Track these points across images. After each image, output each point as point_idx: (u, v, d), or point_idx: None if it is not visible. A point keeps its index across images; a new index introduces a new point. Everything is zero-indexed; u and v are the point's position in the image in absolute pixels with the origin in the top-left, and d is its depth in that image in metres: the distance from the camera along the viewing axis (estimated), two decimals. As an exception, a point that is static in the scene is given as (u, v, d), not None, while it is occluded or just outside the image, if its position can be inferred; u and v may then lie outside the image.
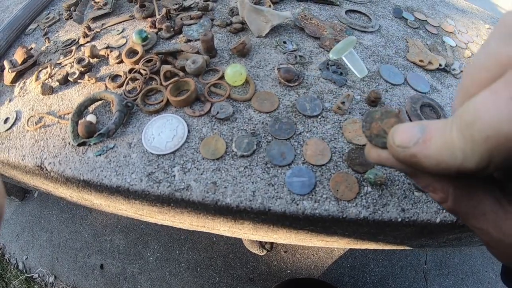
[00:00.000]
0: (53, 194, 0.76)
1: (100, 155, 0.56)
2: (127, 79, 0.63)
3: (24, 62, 0.74)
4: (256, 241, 1.09)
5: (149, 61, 0.65)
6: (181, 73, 0.59)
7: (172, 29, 0.71)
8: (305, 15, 0.74)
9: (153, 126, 0.56)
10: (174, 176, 0.51)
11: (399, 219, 0.49)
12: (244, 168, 0.51)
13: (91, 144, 0.57)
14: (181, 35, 0.71)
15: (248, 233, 0.64)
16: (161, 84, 0.61)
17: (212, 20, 0.73)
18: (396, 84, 0.67)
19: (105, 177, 0.53)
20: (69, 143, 0.58)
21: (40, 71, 0.73)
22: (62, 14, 0.86)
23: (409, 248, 0.74)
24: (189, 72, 0.61)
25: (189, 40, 0.69)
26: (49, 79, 0.71)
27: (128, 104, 0.58)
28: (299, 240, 0.65)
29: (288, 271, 1.14)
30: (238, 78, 0.58)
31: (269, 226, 0.56)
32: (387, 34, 0.79)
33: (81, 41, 0.76)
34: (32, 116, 0.65)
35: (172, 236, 1.16)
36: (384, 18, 0.83)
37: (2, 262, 1.15)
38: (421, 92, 0.67)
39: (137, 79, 0.63)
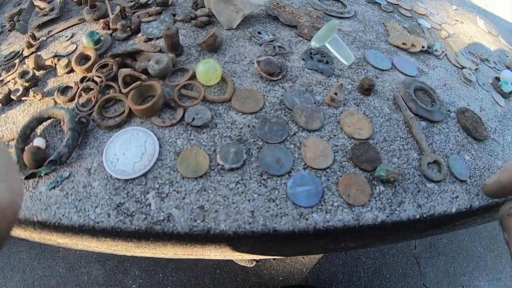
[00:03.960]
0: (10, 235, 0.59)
1: (54, 187, 0.42)
2: (79, 90, 0.48)
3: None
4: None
5: (103, 66, 0.51)
6: (143, 76, 0.46)
7: (128, 28, 0.57)
8: (277, 3, 0.63)
9: (115, 144, 0.43)
10: (150, 205, 0.38)
11: (417, 216, 0.41)
12: (236, 184, 0.39)
13: (42, 175, 0.42)
14: (139, 34, 0.57)
15: (244, 255, 0.52)
16: (120, 92, 0.47)
17: (174, 15, 0.60)
18: (385, 70, 0.58)
19: (63, 215, 0.39)
20: (14, 176, 0.44)
21: (-23, 92, 0.57)
22: (4, 26, 0.69)
23: (412, 240, 0.66)
24: (152, 74, 0.48)
25: (150, 39, 0.56)
26: (-11, 100, 0.55)
27: (82, 120, 0.44)
28: (301, 253, 0.54)
29: (280, 278, 1.03)
30: (212, 76, 0.46)
31: (271, 246, 0.45)
32: (364, 19, 0.70)
33: (25, 52, 0.60)
34: (-34, 148, 0.49)
35: (153, 259, 1.01)
36: (357, 4, 0.74)
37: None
38: (410, 76, 0.59)
39: (91, 89, 0.49)
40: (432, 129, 0.50)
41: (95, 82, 0.49)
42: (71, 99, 0.49)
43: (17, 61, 0.57)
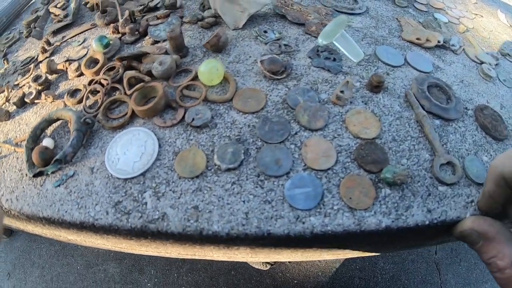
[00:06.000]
0: (26, 231, 0.62)
1: (59, 185, 0.43)
2: (86, 92, 0.50)
3: (-22, 88, 0.61)
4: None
5: (111, 69, 0.52)
6: (146, 78, 0.47)
7: (136, 31, 0.58)
8: (285, 1, 0.62)
9: (117, 145, 0.43)
10: (146, 203, 0.38)
11: (427, 222, 0.37)
12: (232, 185, 0.38)
13: (49, 173, 0.44)
14: (147, 37, 0.58)
15: (247, 257, 0.51)
16: (125, 93, 0.48)
17: (182, 17, 0.61)
18: (397, 66, 0.55)
19: (66, 212, 0.41)
20: (26, 175, 0.46)
21: (-3, 95, 0.60)
22: (22, 32, 0.74)
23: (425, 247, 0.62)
24: (156, 75, 0.48)
25: (156, 42, 0.57)
26: (6, 103, 0.58)
27: (88, 121, 0.46)
28: (306, 257, 0.52)
29: (295, 281, 1.00)
30: (214, 76, 0.45)
31: (271, 248, 0.43)
32: (377, 15, 0.67)
33: (40, 57, 0.63)
34: (-14, 148, 0.52)
35: (168, 259, 1.02)
36: (370, 0, 0.71)
37: (-4, 304, 1.01)
38: (424, 72, 0.55)
39: (98, 91, 0.50)
40: (446, 128, 0.47)
41: (102, 85, 0.50)
42: (80, 101, 0.51)
43: (32, 66, 0.60)
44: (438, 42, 0.61)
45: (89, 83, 0.52)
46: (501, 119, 0.51)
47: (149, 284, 1.00)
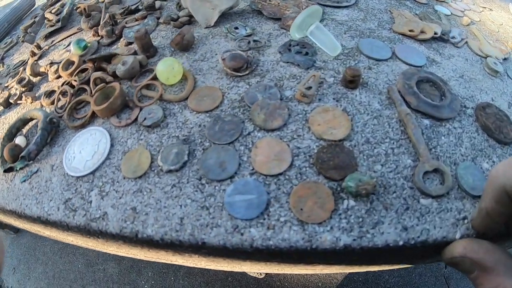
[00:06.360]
0: (12, 224, 0.67)
1: (25, 181, 0.47)
2: (58, 93, 0.53)
3: (-26, 90, 0.68)
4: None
5: (83, 71, 0.55)
6: (108, 78, 0.48)
7: (113, 34, 0.60)
8: (263, -3, 0.61)
9: (76, 143, 0.46)
10: (91, 202, 0.40)
11: (401, 242, 0.32)
12: (172, 187, 0.38)
13: (17, 169, 0.48)
14: (121, 39, 0.60)
15: (212, 265, 0.51)
16: (91, 94, 0.50)
17: (158, 18, 0.62)
18: (382, 59, 0.51)
19: (26, 206, 0.44)
20: (0, 170, 0.50)
21: (-10, 97, 0.66)
22: (19, 37, 0.80)
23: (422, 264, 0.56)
24: (120, 76, 0.50)
25: (130, 43, 0.59)
26: (-4, 104, 0.64)
27: (53, 120, 0.48)
28: (275, 270, 0.50)
29: (293, 292, 0.98)
30: (170, 74, 0.46)
31: (225, 258, 0.42)
32: (367, 8, 0.64)
33: (30, 61, 0.68)
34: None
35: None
36: (363, -9, 0.68)
37: (0, 297, 1.11)
38: (415, 66, 0.51)
39: (67, 92, 0.52)
40: (438, 129, 0.42)
41: (73, 86, 0.53)
42: (53, 102, 0.54)
43: (21, 69, 0.65)
44: (435, 33, 0.57)
45: (62, 85, 0.55)
46: (508, 119, 0.45)
47: (146, 286, 1.04)
